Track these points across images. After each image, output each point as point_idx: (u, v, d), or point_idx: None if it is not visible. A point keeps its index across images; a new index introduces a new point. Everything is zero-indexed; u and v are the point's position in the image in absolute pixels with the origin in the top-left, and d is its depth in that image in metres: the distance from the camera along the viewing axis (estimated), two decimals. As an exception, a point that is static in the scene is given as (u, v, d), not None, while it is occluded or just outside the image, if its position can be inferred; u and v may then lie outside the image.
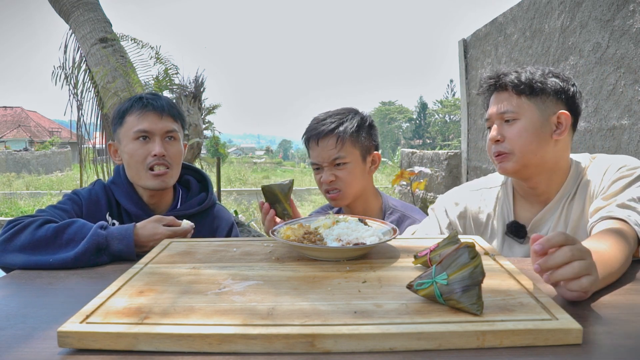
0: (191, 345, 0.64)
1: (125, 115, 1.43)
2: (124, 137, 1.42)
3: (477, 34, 4.59)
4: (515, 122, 1.21)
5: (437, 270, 0.74)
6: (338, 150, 1.48)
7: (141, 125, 1.39)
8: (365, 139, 1.54)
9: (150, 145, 1.40)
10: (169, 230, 1.23)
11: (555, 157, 1.22)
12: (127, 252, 1.16)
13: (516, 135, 1.20)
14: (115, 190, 1.46)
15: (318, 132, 1.50)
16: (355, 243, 0.99)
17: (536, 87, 1.19)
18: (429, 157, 5.75)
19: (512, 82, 1.21)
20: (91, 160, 4.56)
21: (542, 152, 1.20)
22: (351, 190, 1.52)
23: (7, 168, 19.14)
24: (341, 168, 1.50)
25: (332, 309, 0.72)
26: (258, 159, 35.14)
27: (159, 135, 1.41)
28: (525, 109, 1.20)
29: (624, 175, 1.12)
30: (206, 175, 1.62)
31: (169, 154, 1.42)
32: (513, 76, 1.22)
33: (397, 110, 50.13)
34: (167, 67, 3.92)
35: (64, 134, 32.42)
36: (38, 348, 0.67)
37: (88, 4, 4.16)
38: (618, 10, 2.57)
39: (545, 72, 1.22)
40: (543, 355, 0.62)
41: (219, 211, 1.58)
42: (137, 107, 1.42)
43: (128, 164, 1.43)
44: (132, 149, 1.40)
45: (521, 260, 1.10)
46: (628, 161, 1.17)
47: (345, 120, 1.51)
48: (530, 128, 1.19)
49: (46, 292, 0.95)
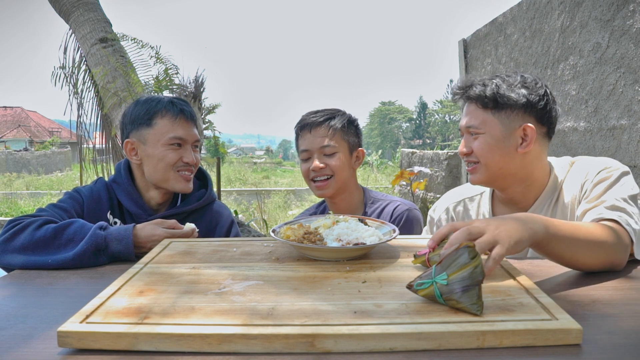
0: (191, 345, 0.64)
1: (155, 117, 1.41)
2: (154, 139, 1.40)
3: (477, 34, 4.59)
4: (479, 137, 1.23)
5: (437, 270, 0.74)
6: (329, 139, 1.58)
7: (177, 133, 1.40)
8: (352, 135, 1.64)
9: (182, 152, 1.42)
10: (167, 232, 1.23)
11: (526, 168, 1.23)
12: (126, 253, 1.16)
13: (479, 149, 1.22)
14: (116, 189, 1.46)
15: (312, 122, 1.60)
16: (355, 243, 0.99)
17: (501, 101, 1.19)
18: (429, 157, 5.75)
19: (478, 95, 1.22)
20: (91, 160, 4.56)
21: (508, 165, 1.21)
22: (338, 178, 1.59)
23: (7, 168, 19.14)
24: (331, 156, 1.58)
25: (332, 309, 0.72)
26: (258, 159, 35.14)
27: (191, 143, 1.44)
28: (488, 123, 1.21)
29: (605, 178, 1.13)
30: (205, 172, 1.63)
31: (195, 162, 1.45)
32: (478, 90, 1.22)
33: (397, 110, 50.12)
34: (167, 67, 3.91)
35: (64, 134, 32.43)
36: (38, 348, 0.67)
37: (88, 4, 4.16)
38: (618, 10, 2.57)
39: (514, 83, 1.21)
40: (543, 355, 0.62)
41: (218, 207, 1.58)
42: (170, 112, 1.41)
43: (154, 166, 1.41)
44: (162, 154, 1.40)
45: (521, 260, 1.10)
46: (607, 163, 1.18)
47: (336, 115, 1.62)
48: (492, 142, 1.20)
49: (46, 292, 0.95)
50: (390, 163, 18.88)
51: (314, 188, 1.62)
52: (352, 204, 1.67)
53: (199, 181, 1.61)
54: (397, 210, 1.59)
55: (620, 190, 1.10)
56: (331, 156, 1.58)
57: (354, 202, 1.68)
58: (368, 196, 1.69)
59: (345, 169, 1.60)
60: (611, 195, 1.09)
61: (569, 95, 3.06)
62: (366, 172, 16.52)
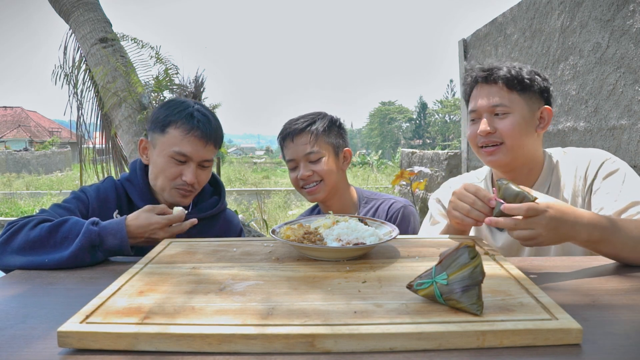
0: (191, 345, 0.64)
1: (169, 126, 1.36)
2: (162, 147, 1.36)
3: (477, 34, 4.59)
4: (507, 116, 1.26)
5: (437, 270, 0.74)
6: (312, 146, 1.57)
7: (183, 148, 1.34)
8: (335, 136, 1.64)
9: (184, 168, 1.36)
10: (163, 218, 1.20)
11: (535, 149, 1.31)
12: (122, 246, 1.15)
13: (509, 128, 1.24)
14: (129, 188, 1.43)
15: (293, 130, 1.59)
16: (355, 243, 0.99)
17: (525, 83, 1.26)
18: (429, 157, 5.75)
19: (505, 76, 1.26)
20: (91, 160, 4.56)
21: (529, 146, 1.27)
22: (328, 182, 1.58)
23: (7, 168, 19.15)
24: (316, 162, 1.58)
25: (332, 309, 0.72)
26: (258, 159, 35.13)
27: (196, 162, 1.37)
28: (516, 103, 1.26)
29: (612, 171, 1.20)
30: (219, 179, 1.61)
31: (198, 180, 1.39)
32: (505, 70, 1.26)
33: (397, 110, 50.11)
34: (167, 67, 3.91)
35: (64, 134, 32.43)
36: (38, 348, 0.67)
37: (88, 4, 4.15)
38: (618, 10, 2.57)
39: (529, 69, 1.28)
40: (543, 355, 0.62)
41: (229, 216, 1.58)
42: (185, 125, 1.35)
43: (156, 174, 1.39)
44: (164, 165, 1.36)
45: (521, 260, 1.10)
46: (605, 155, 1.25)
47: (317, 119, 1.61)
48: (521, 122, 1.25)
49: (46, 292, 0.94)
50: (390, 163, 18.87)
51: (305, 194, 1.62)
52: (345, 205, 1.67)
53: (212, 187, 1.59)
54: (392, 208, 1.60)
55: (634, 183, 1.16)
56: (317, 162, 1.57)
57: (346, 203, 1.67)
58: (361, 196, 1.70)
59: (333, 172, 1.59)
60: (629, 190, 1.15)
61: (569, 95, 3.06)
62: (366, 172, 16.52)
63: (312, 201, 1.65)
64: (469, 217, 1.04)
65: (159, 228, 1.19)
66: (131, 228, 1.17)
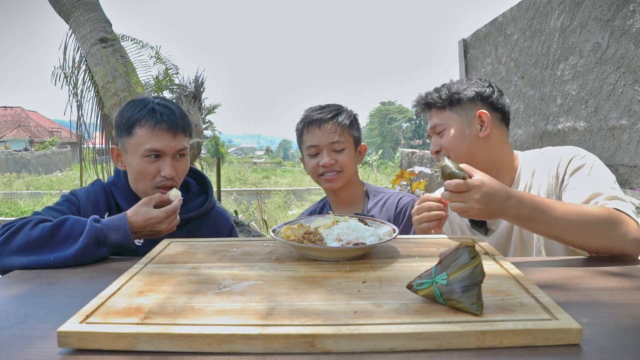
0: (191, 345, 0.64)
1: (135, 127, 1.35)
2: (132, 149, 1.36)
3: (477, 34, 4.59)
4: (444, 132, 1.36)
5: (437, 270, 0.74)
6: (338, 135, 1.61)
7: (153, 144, 1.33)
8: (356, 130, 1.69)
9: (160, 164, 1.35)
10: (162, 211, 1.22)
11: (491, 153, 1.35)
12: (125, 241, 1.17)
13: (446, 143, 1.35)
14: (115, 192, 1.44)
15: (319, 118, 1.62)
16: (355, 243, 0.99)
17: (454, 98, 1.35)
18: (429, 157, 5.75)
19: (434, 100, 1.38)
20: (91, 160, 4.56)
21: (475, 153, 1.33)
22: (347, 172, 1.64)
23: (7, 168, 19.15)
24: (340, 152, 1.62)
25: (332, 309, 0.72)
26: (258, 159, 35.13)
27: (170, 155, 1.36)
28: (448, 118, 1.36)
29: (579, 166, 1.24)
30: (206, 177, 1.60)
31: (177, 172, 1.39)
32: (432, 96, 1.38)
33: (397, 110, 50.10)
34: (167, 67, 3.92)
35: (64, 134, 32.43)
36: (38, 348, 0.67)
37: (88, 4, 4.16)
38: (618, 10, 2.57)
39: (462, 83, 1.38)
40: (543, 355, 0.62)
41: (218, 214, 1.57)
42: (149, 121, 1.34)
43: (135, 177, 1.39)
44: (140, 166, 1.35)
45: (521, 260, 1.10)
46: (575, 151, 1.27)
47: (342, 112, 1.65)
48: (456, 133, 1.34)
49: (46, 292, 0.94)
50: (390, 163, 18.88)
51: (322, 181, 1.65)
52: (354, 197, 1.71)
53: (199, 186, 1.59)
54: (402, 202, 1.64)
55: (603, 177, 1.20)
56: (340, 152, 1.62)
57: (356, 196, 1.72)
58: (369, 189, 1.75)
59: (352, 165, 1.65)
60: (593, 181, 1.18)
61: (569, 95, 3.05)
62: (366, 172, 16.52)
63: (329, 189, 1.68)
64: (433, 220, 1.19)
65: (158, 222, 1.21)
66: (132, 223, 1.19)
